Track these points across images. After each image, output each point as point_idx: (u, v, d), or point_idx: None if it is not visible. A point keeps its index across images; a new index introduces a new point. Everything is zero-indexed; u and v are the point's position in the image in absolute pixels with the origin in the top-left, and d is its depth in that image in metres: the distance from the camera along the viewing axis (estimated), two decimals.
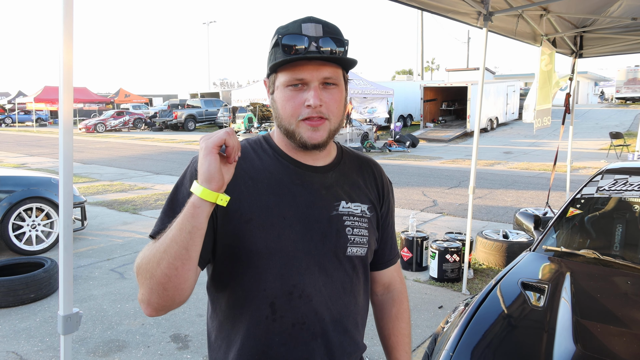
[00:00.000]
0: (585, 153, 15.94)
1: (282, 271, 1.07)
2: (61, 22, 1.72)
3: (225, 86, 44.49)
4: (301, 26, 1.05)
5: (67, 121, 1.79)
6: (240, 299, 1.09)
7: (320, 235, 1.11)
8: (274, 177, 1.11)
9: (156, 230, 1.05)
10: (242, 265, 1.08)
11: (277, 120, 1.11)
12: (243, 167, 1.10)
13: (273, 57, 1.07)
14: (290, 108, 1.06)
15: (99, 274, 5.01)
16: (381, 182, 1.29)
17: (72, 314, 1.89)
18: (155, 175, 12.24)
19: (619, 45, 6.01)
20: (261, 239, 1.06)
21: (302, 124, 1.06)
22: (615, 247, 2.80)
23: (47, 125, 36.49)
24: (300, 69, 1.04)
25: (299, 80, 1.04)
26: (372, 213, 1.22)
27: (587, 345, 1.78)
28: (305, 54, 1.02)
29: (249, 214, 1.06)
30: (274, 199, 1.09)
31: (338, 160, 1.22)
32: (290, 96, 1.06)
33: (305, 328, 1.09)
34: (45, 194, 5.71)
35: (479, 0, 4.03)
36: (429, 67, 54.52)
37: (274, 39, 1.06)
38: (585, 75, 38.95)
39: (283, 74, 1.06)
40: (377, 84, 21.20)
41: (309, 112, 1.05)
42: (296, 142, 1.09)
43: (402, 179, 11.57)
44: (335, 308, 1.14)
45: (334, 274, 1.13)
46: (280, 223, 1.08)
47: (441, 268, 4.82)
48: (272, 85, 1.11)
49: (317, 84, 1.05)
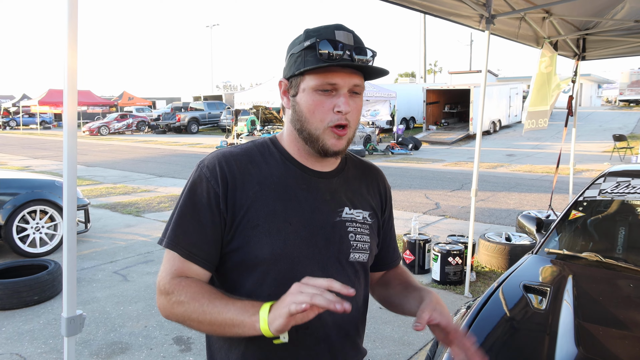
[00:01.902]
0: (589, 155, 15.89)
1: (287, 276, 1.08)
2: (66, 25, 1.74)
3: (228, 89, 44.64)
4: (334, 32, 1.06)
5: (71, 124, 1.80)
6: None
7: (324, 240, 1.12)
8: (280, 182, 1.11)
9: (183, 241, 1.07)
10: (247, 270, 1.08)
11: (299, 124, 1.10)
12: (251, 172, 1.11)
13: (303, 60, 1.06)
14: (320, 113, 1.07)
15: (102, 276, 5.02)
16: (384, 188, 1.31)
17: (76, 316, 1.90)
18: (158, 178, 12.27)
19: (622, 48, 6.00)
20: (267, 245, 1.06)
21: (329, 130, 1.07)
22: (617, 250, 2.79)
23: (51, 128, 36.62)
24: (333, 75, 1.05)
25: (331, 86, 1.05)
26: (373, 219, 1.23)
27: (589, 348, 1.78)
28: (340, 61, 1.04)
29: (256, 220, 1.07)
30: (281, 205, 1.09)
31: (342, 166, 1.22)
32: (320, 101, 1.06)
33: (309, 333, 1.10)
34: (49, 196, 5.73)
35: (481, 4, 4.04)
36: (431, 69, 54.55)
37: (308, 42, 1.06)
38: (588, 78, 38.89)
39: (313, 77, 1.05)
40: (380, 86, 21.17)
41: (338, 119, 1.06)
42: (316, 148, 1.10)
43: (404, 181, 11.56)
44: (338, 313, 1.14)
45: (336, 279, 1.13)
46: (286, 229, 1.08)
47: (443, 271, 4.81)
48: (296, 87, 1.09)
49: (347, 91, 1.06)
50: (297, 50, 1.09)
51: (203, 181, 1.08)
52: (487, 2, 4.04)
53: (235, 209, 1.07)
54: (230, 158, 1.11)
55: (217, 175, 1.08)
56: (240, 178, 1.09)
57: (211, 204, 1.07)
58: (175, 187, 10.77)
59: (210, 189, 1.07)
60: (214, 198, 1.07)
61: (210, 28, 59.68)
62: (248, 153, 1.14)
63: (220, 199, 1.07)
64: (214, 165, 1.09)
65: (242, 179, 1.09)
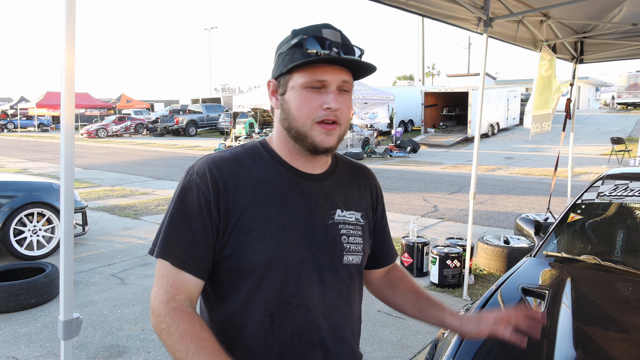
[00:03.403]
0: (587, 158, 15.93)
1: (281, 281, 1.06)
2: (63, 28, 1.73)
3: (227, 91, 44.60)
4: (321, 30, 1.05)
5: (69, 126, 1.79)
6: (238, 310, 1.08)
7: (317, 244, 1.11)
8: (273, 186, 1.10)
9: (175, 250, 1.05)
10: (242, 277, 1.07)
11: (287, 122, 1.09)
12: (242, 176, 1.09)
13: (290, 58, 1.05)
14: (307, 109, 1.05)
15: (99, 279, 5.01)
16: (375, 188, 1.31)
17: (73, 319, 1.89)
18: (156, 181, 12.25)
19: (619, 51, 6.02)
20: (261, 251, 1.05)
21: (317, 126, 1.06)
22: (616, 253, 2.79)
23: (49, 130, 36.55)
24: (322, 71, 1.04)
25: (320, 82, 1.04)
26: (365, 220, 1.23)
27: (587, 351, 1.78)
28: (328, 56, 1.03)
29: (249, 226, 1.05)
30: (274, 209, 1.07)
31: (333, 167, 1.21)
32: (307, 97, 1.05)
33: (304, 338, 1.09)
34: (47, 199, 5.72)
35: (479, 7, 4.05)
36: (429, 72, 54.61)
37: (295, 40, 1.05)
38: (586, 81, 38.99)
39: (302, 74, 1.05)
40: (378, 89, 21.20)
41: (325, 115, 1.05)
42: (306, 145, 1.08)
43: (402, 184, 11.56)
44: (333, 317, 1.13)
45: (331, 282, 1.13)
46: (280, 233, 1.07)
47: (442, 274, 4.81)
48: (284, 86, 1.08)
49: (335, 88, 1.06)
50: (284, 50, 1.08)
51: (193, 188, 1.06)
52: (485, 5, 4.05)
53: (228, 215, 1.05)
54: (221, 163, 1.09)
55: (207, 181, 1.05)
56: (231, 183, 1.06)
57: (202, 211, 1.04)
58: (173, 190, 10.69)
59: (201, 195, 1.05)
60: (205, 205, 1.05)
61: (209, 31, 59.62)
62: (238, 157, 1.12)
63: (212, 206, 1.05)
64: (204, 171, 1.07)
65: (234, 184, 1.07)
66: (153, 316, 1.02)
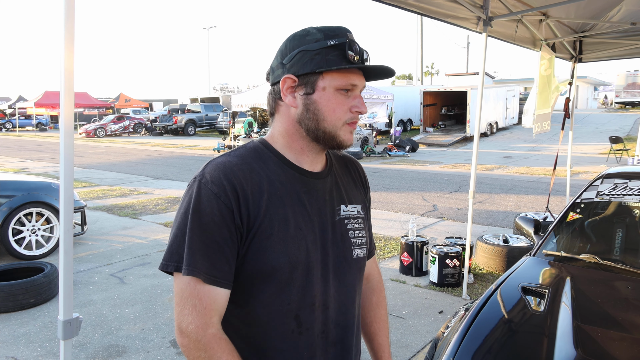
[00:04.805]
0: (585, 157, 15.95)
1: (303, 283, 1.07)
2: (62, 27, 1.73)
3: (226, 91, 44.51)
4: (347, 34, 1.09)
5: (67, 126, 1.79)
6: (261, 315, 1.06)
7: (330, 242, 1.12)
8: (285, 187, 1.09)
9: (204, 265, 1.01)
10: (264, 281, 1.05)
11: (313, 122, 1.09)
12: (255, 180, 1.06)
13: (324, 59, 1.05)
14: (340, 111, 1.09)
15: (98, 278, 5.00)
16: (364, 177, 1.33)
17: (72, 319, 1.88)
18: (155, 180, 12.24)
19: (618, 50, 6.03)
20: (283, 253, 1.04)
21: (346, 126, 1.11)
22: (615, 252, 2.80)
23: (48, 130, 36.52)
24: (353, 76, 1.09)
25: (353, 86, 1.09)
26: (364, 212, 1.25)
27: (587, 350, 1.78)
28: (360, 63, 1.08)
29: (269, 230, 1.04)
30: (290, 211, 1.07)
31: (330, 164, 1.22)
32: (341, 100, 1.09)
33: (325, 337, 1.11)
34: (46, 198, 5.71)
35: (478, 6, 4.05)
36: (428, 71, 54.55)
37: (334, 41, 1.06)
38: (584, 80, 39.06)
39: (336, 77, 1.07)
40: (377, 88, 21.19)
41: (354, 117, 1.11)
42: (331, 144, 1.12)
43: (402, 183, 11.57)
44: (350, 312, 1.16)
45: (345, 278, 1.15)
46: (298, 234, 1.07)
47: (441, 273, 4.81)
48: (311, 85, 1.07)
49: (359, 92, 1.12)
50: (313, 48, 1.06)
51: (212, 198, 1.01)
52: (484, 5, 4.05)
53: (250, 222, 1.03)
54: (234, 169, 1.05)
55: (225, 189, 1.02)
56: (248, 189, 1.04)
57: (225, 220, 1.01)
58: (172, 189, 10.75)
59: (222, 205, 1.01)
60: (228, 214, 1.01)
61: (207, 30, 59.68)
62: (246, 161, 1.09)
63: (235, 214, 1.02)
64: (220, 179, 1.03)
65: (251, 189, 1.04)
66: (188, 341, 0.99)
